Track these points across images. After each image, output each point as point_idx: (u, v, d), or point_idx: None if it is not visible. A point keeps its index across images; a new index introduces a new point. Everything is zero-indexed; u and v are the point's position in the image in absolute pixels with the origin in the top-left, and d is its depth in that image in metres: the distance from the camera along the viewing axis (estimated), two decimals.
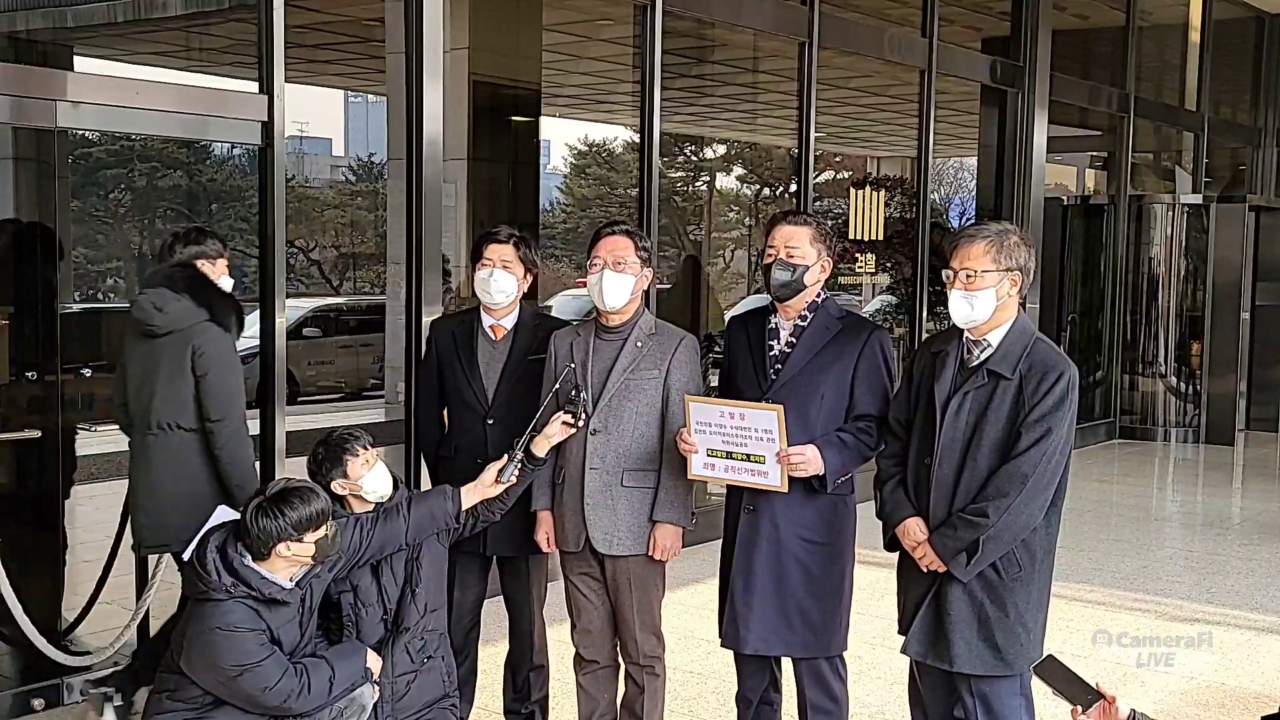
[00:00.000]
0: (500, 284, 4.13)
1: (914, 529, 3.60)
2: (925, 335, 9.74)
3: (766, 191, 13.17)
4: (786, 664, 4.06)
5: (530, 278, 4.24)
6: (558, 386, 3.97)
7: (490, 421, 4.16)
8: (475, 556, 4.25)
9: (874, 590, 4.98)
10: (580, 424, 3.89)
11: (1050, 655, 2.78)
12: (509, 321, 4.22)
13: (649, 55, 7.32)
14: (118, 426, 4.58)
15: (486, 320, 4.23)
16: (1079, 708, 2.63)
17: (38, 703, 4.90)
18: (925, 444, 3.59)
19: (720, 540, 4.07)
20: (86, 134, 7.29)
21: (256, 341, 5.60)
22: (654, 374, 3.95)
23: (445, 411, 4.36)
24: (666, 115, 7.55)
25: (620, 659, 4.15)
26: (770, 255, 3.88)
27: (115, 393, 4.53)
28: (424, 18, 5.99)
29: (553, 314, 5.31)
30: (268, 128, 5.34)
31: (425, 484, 4.70)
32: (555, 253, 12.69)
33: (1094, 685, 2.63)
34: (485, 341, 4.21)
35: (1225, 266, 12.33)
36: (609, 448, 3.94)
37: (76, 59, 6.63)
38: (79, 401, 5.98)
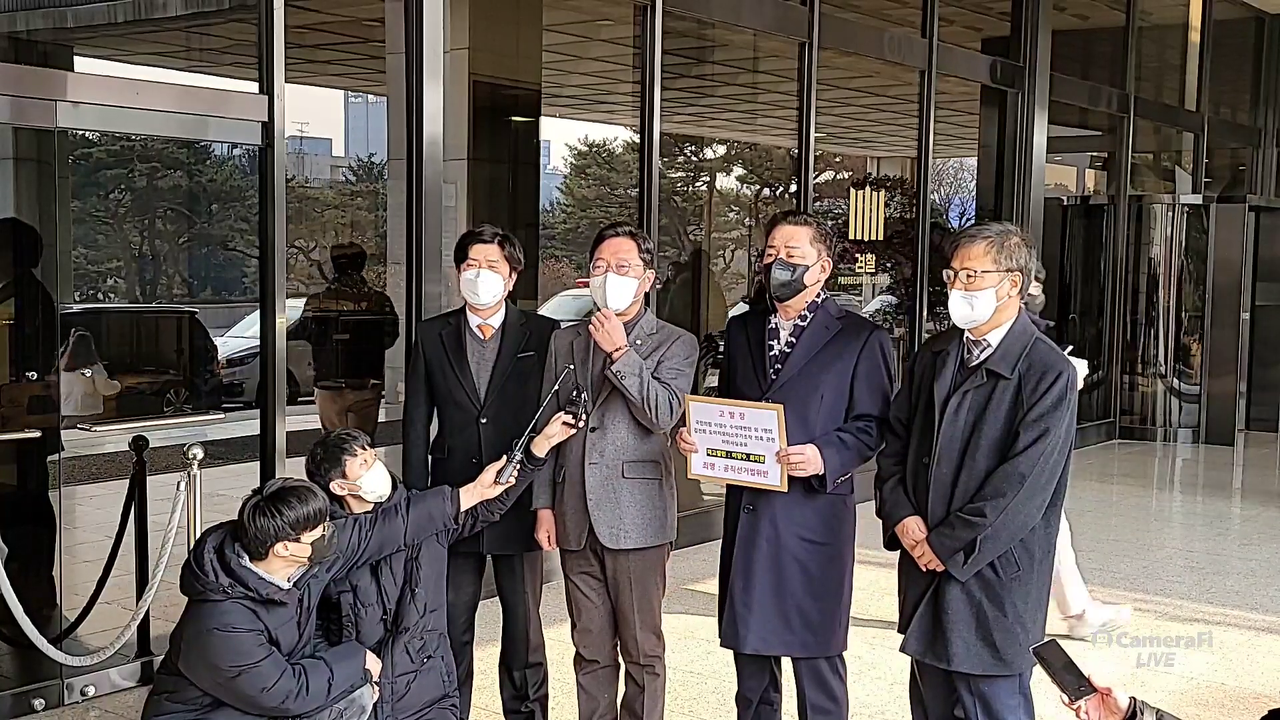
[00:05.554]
0: (487, 284, 4.13)
1: (913, 528, 3.60)
2: (925, 335, 9.74)
3: (766, 191, 13.16)
4: (786, 664, 4.06)
5: (515, 276, 4.23)
6: (557, 387, 3.96)
7: (484, 421, 4.16)
8: (470, 557, 4.25)
9: (874, 590, 4.99)
10: (581, 424, 3.89)
11: (1053, 640, 2.79)
12: (496, 320, 4.22)
13: (649, 55, 7.32)
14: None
15: (474, 320, 4.22)
16: (1069, 698, 2.63)
17: (38, 703, 4.90)
18: (924, 443, 3.59)
19: (720, 540, 4.07)
20: (86, 134, 7.28)
21: (256, 341, 5.61)
22: (648, 363, 3.94)
23: (435, 414, 4.35)
24: (666, 115, 7.55)
25: (620, 659, 4.15)
26: (770, 255, 3.88)
27: None
28: (424, 18, 5.99)
29: (552, 314, 5.31)
30: (268, 128, 5.34)
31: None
32: (555, 253, 12.68)
33: (1088, 678, 2.64)
34: (474, 341, 4.21)
35: (1225, 266, 12.33)
36: (606, 442, 3.94)
37: (76, 59, 6.62)
38: (78, 402, 5.98)
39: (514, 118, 8.64)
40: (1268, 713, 2.67)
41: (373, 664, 3.85)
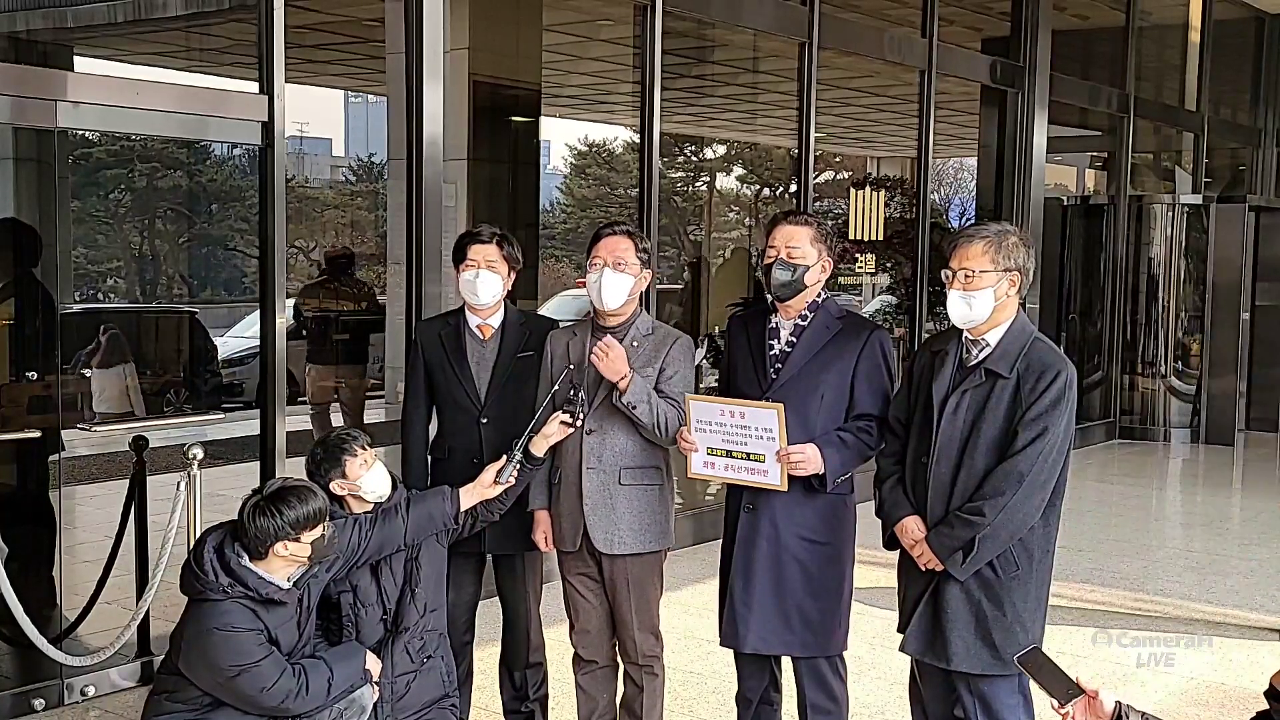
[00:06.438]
0: (486, 285, 4.13)
1: (912, 527, 3.60)
2: (925, 335, 9.74)
3: (766, 191, 13.17)
4: (786, 663, 4.06)
5: (514, 275, 4.23)
6: (555, 387, 3.96)
7: (484, 421, 4.16)
8: (470, 557, 4.25)
9: (874, 590, 4.99)
10: (579, 424, 3.89)
11: (1035, 647, 2.81)
12: (495, 320, 4.22)
13: (649, 55, 7.32)
14: None
15: (473, 320, 4.22)
16: (1058, 702, 2.65)
17: (38, 703, 4.90)
18: (923, 443, 3.60)
19: (720, 540, 4.07)
20: (86, 134, 7.29)
21: (256, 341, 5.61)
22: (648, 373, 3.95)
23: (434, 413, 4.36)
24: (666, 115, 7.55)
25: (619, 659, 4.15)
26: (771, 255, 3.88)
27: None
28: (424, 18, 5.99)
29: (552, 314, 5.32)
30: (268, 128, 5.34)
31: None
32: (555, 253, 12.69)
33: (1075, 680, 2.65)
34: (474, 341, 4.21)
35: (1225, 266, 12.33)
36: (605, 447, 3.94)
37: (76, 59, 6.62)
38: (79, 402, 5.99)
39: (514, 118, 8.65)
40: (1256, 714, 2.68)
41: (373, 664, 3.85)
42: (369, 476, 3.89)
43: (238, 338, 9.02)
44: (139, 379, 6.69)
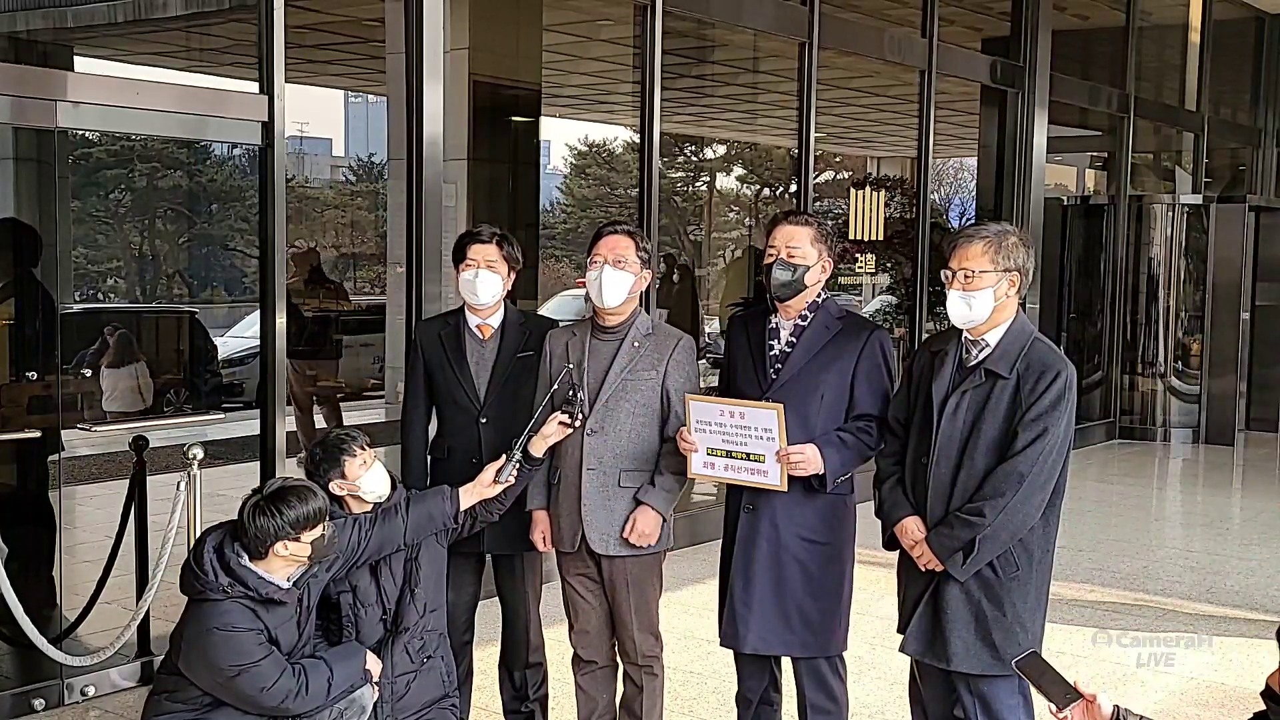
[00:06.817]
0: (486, 285, 4.13)
1: (911, 528, 3.60)
2: (925, 335, 9.74)
3: (766, 191, 13.19)
4: (786, 663, 4.06)
5: (514, 275, 4.23)
6: (555, 387, 3.96)
7: (484, 421, 4.15)
8: (470, 557, 4.25)
9: (874, 590, 4.99)
10: (577, 424, 3.89)
11: (1033, 651, 2.80)
12: (495, 320, 4.22)
13: (649, 55, 7.32)
14: None
15: (473, 320, 4.22)
16: (1056, 706, 2.64)
17: (38, 703, 4.90)
18: (923, 443, 3.60)
19: (720, 540, 4.07)
20: (86, 134, 7.30)
21: (256, 341, 5.61)
22: (651, 375, 3.95)
23: (433, 413, 4.35)
24: (666, 115, 7.55)
25: (619, 659, 4.15)
26: (771, 255, 3.88)
27: None
28: (424, 18, 5.99)
29: (552, 314, 5.32)
30: (268, 128, 5.34)
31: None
32: (555, 253, 12.71)
33: (1073, 684, 2.64)
34: (473, 341, 4.21)
35: (1225, 266, 12.33)
36: (605, 448, 3.93)
37: (76, 59, 6.63)
38: (79, 402, 6.00)
39: (514, 118, 8.66)
40: (1253, 715, 2.67)
41: (373, 664, 3.85)
42: (368, 476, 3.88)
43: (238, 338, 9.05)
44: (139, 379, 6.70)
